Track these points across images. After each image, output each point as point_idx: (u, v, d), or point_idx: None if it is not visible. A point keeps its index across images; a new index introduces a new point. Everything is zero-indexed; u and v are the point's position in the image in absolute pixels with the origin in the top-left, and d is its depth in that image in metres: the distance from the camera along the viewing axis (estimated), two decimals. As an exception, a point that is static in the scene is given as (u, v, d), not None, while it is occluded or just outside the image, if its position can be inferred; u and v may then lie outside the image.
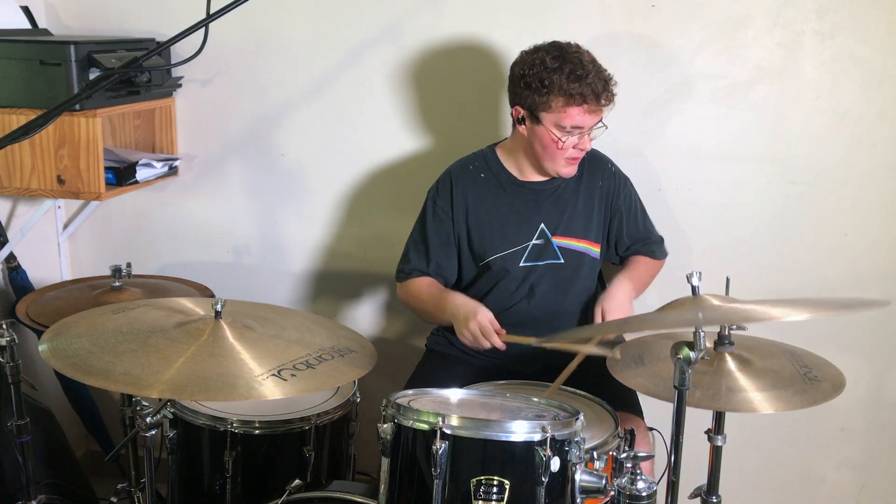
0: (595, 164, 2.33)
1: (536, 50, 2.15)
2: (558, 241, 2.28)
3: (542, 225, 2.27)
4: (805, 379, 1.83)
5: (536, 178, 2.29)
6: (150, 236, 2.90)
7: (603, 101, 2.11)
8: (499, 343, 2.13)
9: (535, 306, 2.28)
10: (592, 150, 2.35)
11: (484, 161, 2.33)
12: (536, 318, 2.27)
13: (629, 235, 2.37)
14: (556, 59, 2.09)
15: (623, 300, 2.21)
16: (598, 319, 2.19)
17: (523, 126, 2.19)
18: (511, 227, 2.28)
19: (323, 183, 2.75)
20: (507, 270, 2.27)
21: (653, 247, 2.40)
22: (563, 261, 2.28)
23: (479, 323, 2.14)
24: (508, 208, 2.29)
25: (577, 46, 2.15)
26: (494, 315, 2.16)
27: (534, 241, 2.27)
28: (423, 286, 2.33)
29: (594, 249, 2.32)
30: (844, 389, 1.83)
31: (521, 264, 2.27)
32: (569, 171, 2.22)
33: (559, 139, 2.13)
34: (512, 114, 2.22)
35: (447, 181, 2.32)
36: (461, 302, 2.22)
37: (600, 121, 2.16)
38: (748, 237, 2.55)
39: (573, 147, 2.16)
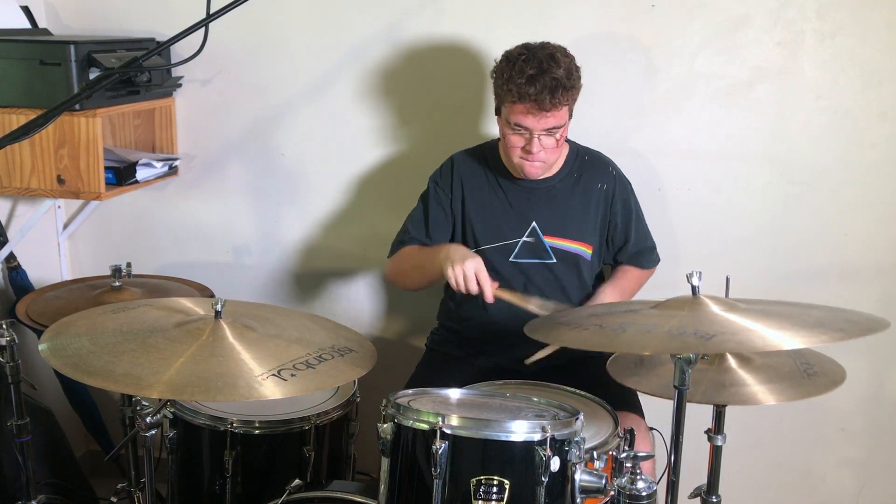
0: (596, 165, 2.33)
1: (521, 46, 2.15)
2: (550, 241, 2.28)
3: (534, 223, 2.27)
4: (804, 374, 1.83)
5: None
6: (150, 236, 2.90)
7: (544, 106, 2.05)
8: (488, 288, 2.04)
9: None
10: (594, 151, 2.35)
11: (485, 152, 2.35)
12: (528, 317, 2.27)
13: (625, 240, 2.36)
14: (522, 54, 2.09)
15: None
16: None
17: (497, 117, 2.22)
18: (503, 221, 2.28)
19: (323, 183, 2.75)
20: (496, 265, 2.27)
21: (643, 258, 2.40)
22: (555, 261, 2.28)
23: (476, 265, 2.05)
24: (502, 202, 2.29)
25: (554, 49, 2.11)
26: (490, 313, 2.16)
27: (524, 239, 2.27)
28: (413, 249, 2.32)
29: (588, 252, 2.31)
30: (843, 386, 1.82)
31: (510, 260, 2.28)
32: (527, 173, 2.19)
33: (505, 134, 2.14)
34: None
35: (449, 166, 2.36)
36: (458, 247, 2.18)
37: (556, 129, 2.11)
38: (748, 237, 2.55)
39: (521, 148, 2.14)
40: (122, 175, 2.53)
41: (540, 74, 2.04)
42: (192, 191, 2.83)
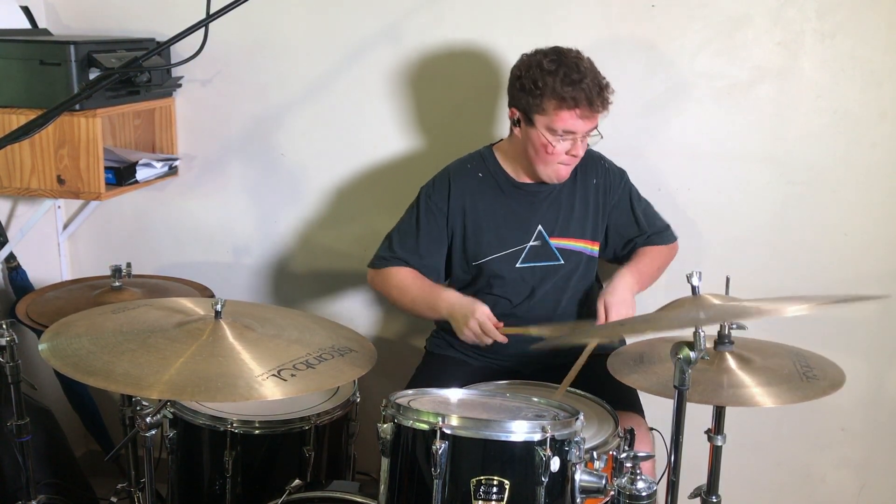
0: (588, 162, 2.32)
1: (536, 53, 2.15)
2: (556, 242, 2.28)
3: (540, 227, 2.27)
4: (803, 377, 1.83)
5: (532, 179, 2.28)
6: (150, 236, 2.90)
7: (596, 108, 2.09)
8: (500, 337, 2.13)
9: (536, 307, 2.28)
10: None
11: (481, 161, 2.32)
12: (537, 318, 2.27)
13: (637, 225, 2.35)
14: (553, 62, 2.09)
15: (625, 295, 2.18)
16: (600, 314, 2.16)
17: (518, 128, 2.19)
18: (508, 228, 2.27)
19: (323, 183, 2.75)
20: (503, 272, 2.27)
21: (655, 237, 2.38)
22: (562, 262, 2.28)
23: (479, 321, 2.13)
24: (505, 209, 2.28)
25: (578, 52, 2.14)
26: (495, 316, 2.16)
27: (531, 243, 2.27)
28: (408, 277, 2.29)
29: (592, 248, 2.31)
30: (843, 387, 1.82)
31: (517, 265, 2.27)
32: (561, 176, 2.20)
33: (550, 143, 2.11)
34: (509, 115, 2.22)
35: (445, 179, 2.31)
36: (456, 301, 2.19)
37: (595, 128, 2.14)
38: (748, 237, 2.55)
39: (566, 153, 2.14)
40: (122, 175, 2.53)
41: (583, 78, 2.06)
42: (192, 191, 2.83)
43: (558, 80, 2.06)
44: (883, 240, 2.49)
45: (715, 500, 1.85)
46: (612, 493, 1.59)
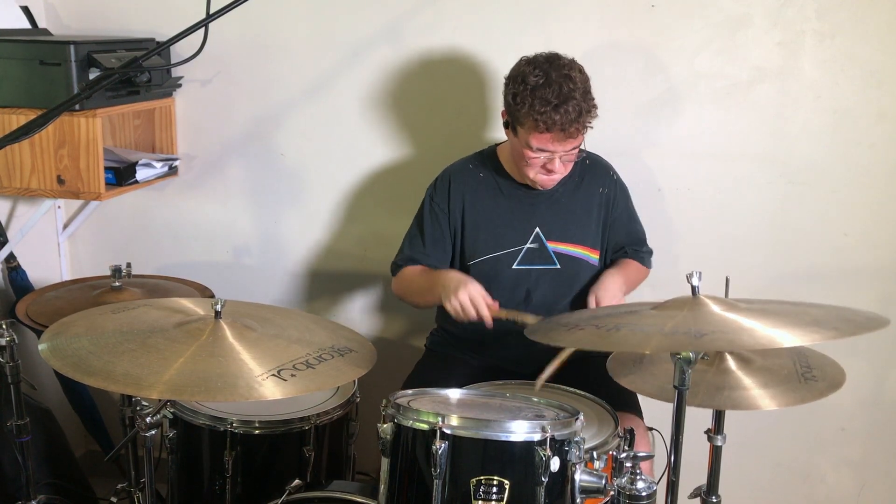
0: (597, 170, 2.32)
1: (529, 62, 2.10)
2: (554, 246, 2.27)
3: (538, 229, 2.27)
4: (801, 378, 1.83)
5: None
6: (150, 236, 2.90)
7: (570, 134, 2.04)
8: (486, 314, 2.07)
9: (533, 311, 2.27)
10: (594, 155, 2.34)
11: (483, 161, 2.33)
12: None
13: (625, 240, 2.36)
14: (539, 77, 2.04)
15: (615, 291, 2.19)
16: (591, 306, 2.17)
17: (508, 130, 2.19)
18: (506, 228, 2.27)
19: (323, 183, 2.75)
20: (499, 272, 2.26)
21: (643, 255, 2.40)
22: (559, 266, 2.27)
23: (470, 292, 2.07)
24: (504, 210, 2.28)
25: (570, 66, 2.07)
26: (492, 318, 2.16)
27: (528, 245, 2.27)
28: (416, 271, 2.31)
29: (592, 256, 2.30)
30: (843, 386, 1.82)
31: (514, 267, 2.27)
32: (543, 185, 2.19)
33: (525, 155, 2.11)
34: (501, 115, 2.22)
35: (446, 179, 2.32)
36: (453, 275, 2.18)
37: (576, 148, 2.10)
38: (748, 237, 2.55)
39: (541, 167, 2.13)
40: (122, 175, 2.53)
41: (562, 103, 2.00)
42: (192, 191, 2.83)
43: (537, 100, 2.02)
44: (883, 240, 2.49)
45: (715, 500, 1.85)
46: (612, 493, 1.59)
